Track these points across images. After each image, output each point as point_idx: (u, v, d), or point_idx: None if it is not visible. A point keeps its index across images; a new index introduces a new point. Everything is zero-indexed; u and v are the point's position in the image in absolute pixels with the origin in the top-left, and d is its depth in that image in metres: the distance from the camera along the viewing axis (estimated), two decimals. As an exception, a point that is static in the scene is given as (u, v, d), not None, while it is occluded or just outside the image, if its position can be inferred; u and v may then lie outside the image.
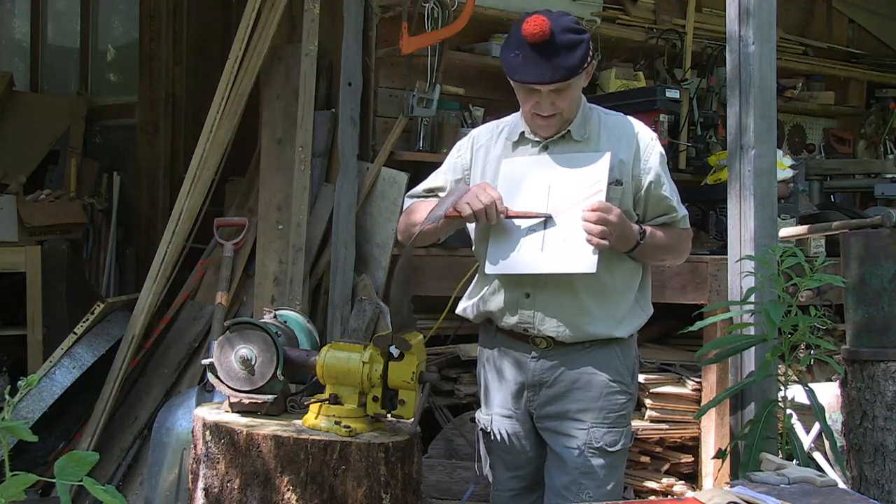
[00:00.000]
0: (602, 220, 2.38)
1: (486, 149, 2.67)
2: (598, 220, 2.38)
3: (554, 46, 2.40)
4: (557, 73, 2.41)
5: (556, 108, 2.49)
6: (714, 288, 3.75)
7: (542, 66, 2.41)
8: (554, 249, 2.45)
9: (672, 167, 4.86)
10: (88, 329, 4.18)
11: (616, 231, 2.40)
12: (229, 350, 2.63)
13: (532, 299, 2.54)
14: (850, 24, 6.44)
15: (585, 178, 2.47)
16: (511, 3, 4.54)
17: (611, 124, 2.60)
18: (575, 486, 2.53)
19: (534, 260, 2.47)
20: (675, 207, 2.59)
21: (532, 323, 2.55)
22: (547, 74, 2.41)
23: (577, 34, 2.44)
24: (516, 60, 2.44)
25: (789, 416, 2.98)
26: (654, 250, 2.56)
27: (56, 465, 1.73)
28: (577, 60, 2.42)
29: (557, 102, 2.48)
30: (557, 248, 2.44)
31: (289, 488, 2.41)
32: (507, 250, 2.50)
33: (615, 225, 2.40)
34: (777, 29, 3.18)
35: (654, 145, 2.58)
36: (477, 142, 2.71)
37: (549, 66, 2.41)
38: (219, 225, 4.45)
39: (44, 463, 4.12)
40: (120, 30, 7.18)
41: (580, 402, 2.55)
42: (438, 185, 2.75)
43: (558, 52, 2.40)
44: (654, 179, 2.55)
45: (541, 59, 2.41)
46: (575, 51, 2.42)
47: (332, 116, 4.32)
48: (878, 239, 3.09)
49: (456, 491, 3.63)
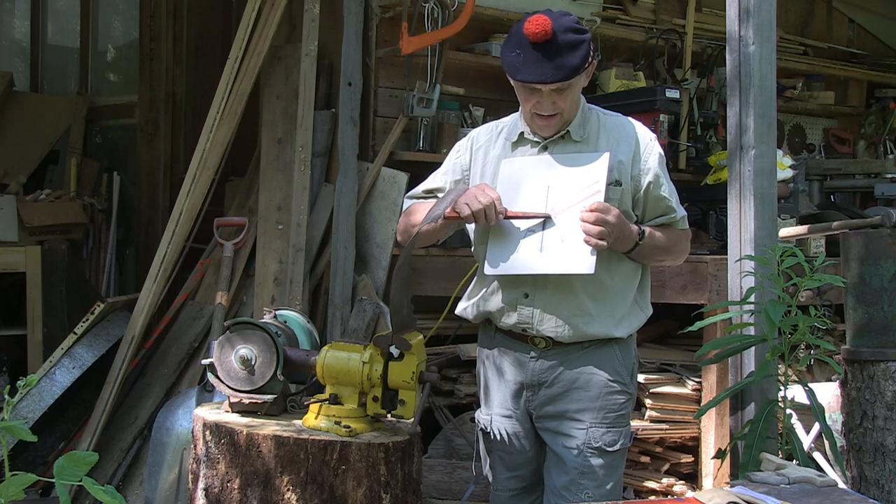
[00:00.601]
0: (600, 221, 2.38)
1: (485, 149, 2.68)
2: (597, 220, 2.38)
3: (556, 46, 2.40)
4: (559, 72, 2.41)
5: (556, 107, 2.48)
6: (714, 288, 3.75)
7: (543, 66, 2.41)
8: (552, 250, 2.44)
9: (672, 167, 4.90)
10: (88, 329, 4.18)
11: (614, 231, 2.40)
12: (229, 350, 2.63)
13: (531, 299, 2.54)
14: (850, 24, 6.44)
15: (584, 178, 2.47)
16: (511, 3, 4.54)
17: (610, 125, 2.60)
18: (574, 486, 2.52)
19: (532, 260, 2.47)
20: (674, 208, 2.59)
21: (531, 323, 2.55)
22: (549, 74, 2.41)
23: (578, 34, 2.44)
24: (518, 60, 2.44)
25: (789, 416, 2.98)
26: (653, 251, 2.56)
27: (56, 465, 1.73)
28: (578, 60, 2.42)
29: (558, 102, 2.48)
30: (556, 249, 2.44)
31: (289, 488, 2.41)
32: (506, 251, 2.50)
33: (613, 225, 2.39)
34: (777, 29, 3.18)
35: (653, 146, 2.58)
36: (476, 142, 2.71)
37: (550, 65, 2.40)
38: (219, 225, 4.46)
39: (43, 463, 4.12)
40: (120, 30, 7.18)
41: (579, 401, 2.55)
42: (438, 186, 2.75)
43: (560, 52, 2.40)
44: (652, 180, 2.55)
45: (542, 59, 2.40)
46: (577, 50, 2.42)
47: (332, 116, 4.32)
48: (878, 239, 3.09)
49: (456, 491, 3.63)
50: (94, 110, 6.46)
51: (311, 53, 4.26)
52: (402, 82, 4.34)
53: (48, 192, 5.33)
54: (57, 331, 4.54)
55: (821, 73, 5.95)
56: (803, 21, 6.16)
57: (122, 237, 6.06)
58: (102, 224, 5.86)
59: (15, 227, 4.89)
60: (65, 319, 4.66)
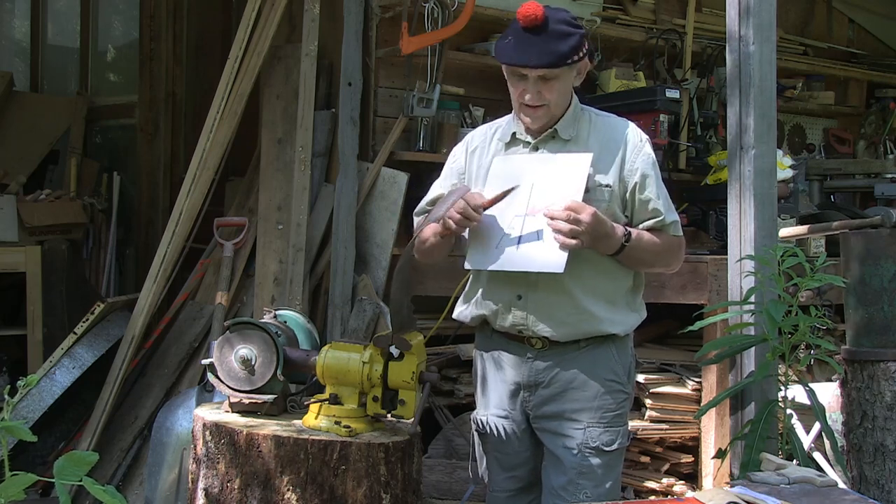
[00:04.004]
0: (573, 220, 2.35)
1: (480, 151, 2.68)
2: (568, 218, 2.35)
3: (545, 32, 2.41)
4: (544, 57, 2.41)
5: (542, 98, 2.47)
6: (714, 288, 3.75)
7: (530, 50, 2.42)
8: (529, 248, 2.44)
9: (672, 167, 4.91)
10: (88, 329, 4.18)
11: (588, 230, 2.36)
12: (229, 350, 2.63)
13: (524, 301, 2.54)
14: (850, 24, 6.44)
15: (565, 178, 2.46)
16: (511, 3, 4.53)
17: (602, 125, 2.59)
18: (572, 486, 2.52)
19: (509, 257, 2.47)
20: (662, 211, 2.53)
21: (526, 324, 2.55)
22: (534, 58, 2.41)
23: (571, 27, 2.45)
24: (507, 45, 2.46)
25: (789, 416, 2.98)
26: (642, 254, 2.52)
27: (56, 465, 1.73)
28: (566, 48, 2.42)
29: (544, 92, 2.47)
30: (532, 247, 2.44)
31: (289, 488, 2.41)
32: (487, 247, 2.50)
33: (587, 224, 2.35)
34: (777, 29, 3.19)
35: (643, 147, 2.55)
36: (471, 145, 2.71)
37: (536, 50, 2.41)
38: (219, 225, 4.45)
39: (43, 463, 4.11)
40: (120, 30, 7.18)
41: (576, 402, 2.54)
42: (439, 195, 2.74)
43: (549, 38, 2.41)
44: (638, 181, 2.52)
45: (530, 44, 2.42)
46: (566, 39, 2.42)
47: (332, 116, 4.32)
48: (878, 239, 3.09)
49: (456, 491, 3.63)
50: (94, 110, 6.46)
51: (311, 53, 4.26)
52: (402, 82, 4.34)
53: (48, 192, 5.33)
54: (57, 331, 4.54)
55: (821, 73, 5.95)
56: (803, 21, 6.16)
57: (122, 237, 6.06)
58: (102, 224, 5.85)
59: (15, 227, 4.89)
60: (65, 319, 4.66)
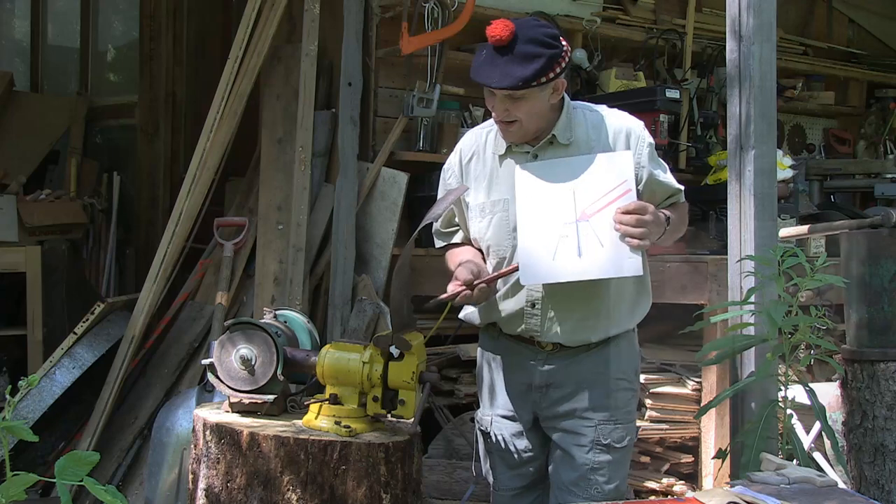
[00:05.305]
0: (640, 222, 2.37)
1: (476, 157, 2.65)
2: (637, 222, 2.36)
3: (510, 54, 2.38)
4: (505, 80, 2.38)
5: (509, 115, 2.46)
6: (714, 288, 3.75)
7: (494, 70, 2.40)
8: (593, 255, 2.41)
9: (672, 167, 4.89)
10: (88, 329, 4.18)
11: (653, 228, 2.40)
12: (229, 350, 2.63)
13: (539, 308, 2.54)
14: (850, 24, 6.45)
15: (609, 178, 2.45)
16: (511, 3, 4.54)
17: (596, 122, 2.58)
18: (584, 482, 2.54)
19: (574, 267, 2.43)
20: (677, 187, 2.60)
21: (539, 331, 2.55)
22: (495, 79, 2.40)
23: (541, 47, 2.39)
24: (479, 58, 2.45)
25: (789, 416, 2.98)
26: (673, 232, 2.57)
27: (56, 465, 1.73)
28: (529, 73, 2.37)
29: (511, 110, 2.45)
30: (597, 253, 2.41)
31: (289, 488, 2.41)
32: (542, 259, 2.45)
33: (652, 223, 2.39)
34: (777, 29, 3.18)
35: (644, 135, 2.57)
36: (464, 156, 2.68)
37: (499, 71, 2.39)
38: (219, 225, 4.45)
39: (44, 463, 4.12)
40: (120, 30, 7.18)
41: (588, 400, 2.55)
42: (448, 216, 2.73)
43: (513, 61, 2.38)
44: (652, 170, 2.55)
45: (495, 64, 2.40)
46: (530, 63, 2.37)
47: (332, 116, 4.32)
48: (878, 239, 3.09)
49: (456, 491, 3.63)
50: (94, 110, 6.46)
51: (311, 53, 4.26)
52: (402, 82, 4.34)
53: (48, 192, 5.34)
54: (57, 331, 4.54)
55: (821, 73, 5.95)
56: (803, 21, 6.17)
57: (122, 237, 6.05)
58: (102, 224, 5.86)
59: (15, 227, 4.89)
60: (65, 319, 4.66)
